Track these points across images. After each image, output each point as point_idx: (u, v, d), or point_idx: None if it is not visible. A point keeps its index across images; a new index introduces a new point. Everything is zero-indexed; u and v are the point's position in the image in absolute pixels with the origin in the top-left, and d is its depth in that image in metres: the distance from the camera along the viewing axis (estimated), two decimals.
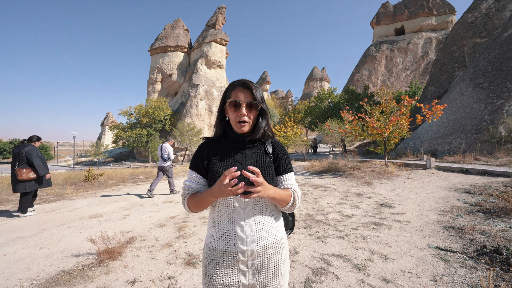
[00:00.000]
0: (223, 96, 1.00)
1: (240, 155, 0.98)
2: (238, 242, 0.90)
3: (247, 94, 0.94)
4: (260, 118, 0.99)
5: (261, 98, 0.97)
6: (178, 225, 3.62)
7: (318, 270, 2.16)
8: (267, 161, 0.99)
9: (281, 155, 1.02)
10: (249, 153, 0.99)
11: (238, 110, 0.93)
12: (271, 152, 1.01)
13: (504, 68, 11.84)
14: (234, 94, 0.95)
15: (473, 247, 2.43)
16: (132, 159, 32.33)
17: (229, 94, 0.97)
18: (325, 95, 26.91)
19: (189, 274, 2.19)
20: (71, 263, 2.47)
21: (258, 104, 0.95)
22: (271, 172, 0.97)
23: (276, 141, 1.05)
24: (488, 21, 16.35)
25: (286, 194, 0.95)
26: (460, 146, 11.23)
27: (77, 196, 6.37)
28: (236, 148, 0.99)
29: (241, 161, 0.96)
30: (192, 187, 1.00)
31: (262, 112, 0.99)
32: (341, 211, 4.05)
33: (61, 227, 3.75)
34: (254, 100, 0.94)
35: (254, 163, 0.96)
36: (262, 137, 1.00)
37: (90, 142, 30.92)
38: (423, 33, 36.04)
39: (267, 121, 1.01)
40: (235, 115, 0.94)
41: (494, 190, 4.35)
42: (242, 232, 0.91)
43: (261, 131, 0.97)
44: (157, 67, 34.22)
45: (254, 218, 0.93)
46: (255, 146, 1.01)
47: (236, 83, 0.97)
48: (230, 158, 0.97)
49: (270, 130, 1.03)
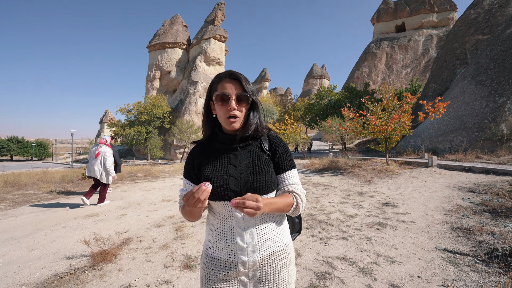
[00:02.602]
0: (209, 90, 0.89)
1: (233, 156, 0.87)
2: (238, 253, 0.81)
3: (236, 85, 0.84)
4: (251, 113, 0.88)
5: (252, 90, 0.86)
6: (176, 225, 3.51)
7: (322, 274, 2.06)
8: (264, 159, 0.87)
9: (280, 150, 0.90)
10: (244, 153, 0.88)
11: (227, 104, 0.82)
12: (268, 148, 0.90)
13: (506, 65, 11.71)
14: (221, 86, 0.84)
15: (483, 250, 2.33)
16: (131, 156, 32.18)
17: (215, 87, 0.86)
18: (325, 92, 26.73)
19: (186, 279, 2.08)
20: (63, 266, 2.36)
21: (249, 96, 0.84)
22: (270, 171, 0.86)
23: (274, 136, 0.94)
24: (490, 17, 16.16)
25: (284, 203, 0.82)
26: (461, 144, 11.14)
27: (73, 194, 6.25)
28: (228, 149, 0.88)
29: (235, 164, 0.86)
30: None
31: (254, 106, 0.88)
32: (343, 211, 3.96)
33: (55, 227, 3.64)
34: (244, 92, 0.83)
35: (250, 164, 0.85)
36: (255, 133, 0.89)
37: (89, 139, 30.62)
38: (424, 30, 35.78)
39: (259, 115, 0.90)
40: (224, 110, 0.83)
41: (500, 189, 4.26)
42: (242, 241, 0.81)
43: (252, 126, 0.86)
44: (156, 64, 33.88)
45: (255, 225, 0.83)
46: (249, 144, 0.90)
47: (223, 75, 0.86)
48: (222, 161, 0.87)
49: (263, 125, 0.92)
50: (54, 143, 49.73)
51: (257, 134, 0.90)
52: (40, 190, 6.75)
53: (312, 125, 26.48)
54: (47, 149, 45.47)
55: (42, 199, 5.72)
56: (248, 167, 0.85)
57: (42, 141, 46.17)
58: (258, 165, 0.85)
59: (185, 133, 23.84)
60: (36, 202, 5.41)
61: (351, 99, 23.28)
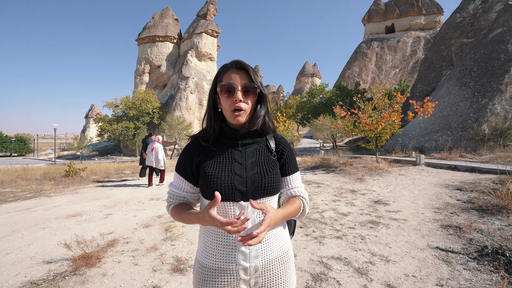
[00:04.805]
0: (214, 82, 0.81)
1: (238, 153, 0.80)
2: (239, 258, 0.74)
3: (243, 76, 0.77)
4: (259, 105, 0.81)
5: (260, 82, 0.79)
6: (166, 225, 3.37)
7: (318, 276, 2.01)
8: (270, 160, 0.82)
9: (286, 153, 0.86)
10: (249, 150, 0.81)
11: (232, 95, 0.75)
12: (274, 149, 0.84)
13: (489, 68, 12.19)
14: (227, 77, 0.77)
15: (474, 247, 2.37)
16: (118, 153, 31.19)
17: (220, 78, 0.79)
18: (317, 90, 26.96)
19: (176, 283, 1.97)
20: (41, 272, 2.18)
21: (257, 88, 0.77)
22: (276, 173, 0.80)
23: (280, 136, 0.88)
24: (475, 21, 16.75)
25: (295, 210, 0.81)
26: (446, 143, 11.55)
27: (56, 192, 5.92)
28: (232, 145, 0.81)
29: (240, 161, 0.79)
30: (177, 194, 0.83)
31: (261, 98, 0.81)
32: (336, 209, 3.95)
33: (34, 228, 3.40)
34: (252, 82, 0.76)
35: (256, 163, 0.79)
36: (261, 129, 0.83)
37: (73, 134, 29.22)
38: (412, 32, 36.70)
39: (267, 109, 0.82)
40: (229, 102, 0.76)
41: (485, 187, 4.40)
42: (245, 246, 0.73)
43: (259, 120, 0.79)
44: (145, 58, 32.83)
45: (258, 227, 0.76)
46: (256, 141, 0.83)
47: (229, 65, 0.79)
48: (226, 157, 0.79)
49: (271, 121, 0.85)
50: (36, 138, 47.40)
51: (265, 130, 0.84)
52: (18, 188, 6.35)
53: (304, 122, 26.68)
54: (28, 144, 43.22)
55: (21, 197, 5.38)
56: (254, 166, 0.78)
57: (22, 136, 43.79)
58: (265, 164, 0.80)
59: (176, 130, 23.36)
60: (13, 201, 5.07)
61: (343, 97, 23.60)
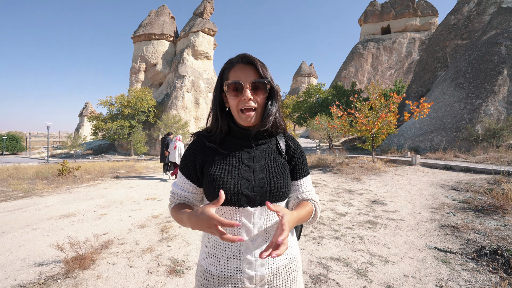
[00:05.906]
0: (219, 79, 0.75)
1: (246, 154, 0.74)
2: (244, 266, 0.70)
3: (251, 71, 0.71)
4: (270, 102, 0.74)
5: (270, 76, 0.73)
6: (162, 225, 3.31)
7: (317, 277, 1.98)
8: (281, 162, 0.76)
9: (297, 155, 0.81)
10: (258, 152, 0.76)
11: (240, 94, 0.69)
12: (284, 150, 0.79)
13: (482, 70, 12.38)
14: (234, 73, 0.71)
15: (472, 248, 2.38)
16: (113, 152, 30.76)
17: (226, 75, 0.73)
18: (313, 90, 27.04)
19: (173, 285, 1.92)
20: (32, 275, 2.11)
21: (267, 83, 0.71)
22: (286, 176, 0.75)
23: (290, 137, 0.83)
24: (469, 23, 17.00)
25: (307, 214, 0.75)
26: (441, 143, 11.70)
27: (48, 192, 5.79)
28: (240, 145, 0.75)
29: (248, 163, 0.73)
30: (179, 194, 0.79)
31: (272, 94, 0.75)
32: (334, 209, 3.94)
33: (25, 229, 3.30)
34: (261, 78, 0.70)
35: (265, 165, 0.74)
36: (273, 128, 0.76)
37: (67, 133, 28.62)
38: (407, 33, 37.09)
39: (278, 107, 0.77)
40: (237, 101, 0.70)
41: (480, 187, 4.45)
42: (251, 254, 0.70)
43: (271, 118, 0.73)
44: (141, 56, 32.41)
45: (265, 235, 0.72)
46: (265, 142, 0.77)
47: (235, 60, 0.72)
48: (233, 158, 0.73)
49: (282, 119, 0.79)
50: (28, 137, 46.40)
51: (276, 130, 0.78)
52: (9, 188, 6.19)
53: (301, 122, 26.74)
54: (20, 142, 42.26)
55: (12, 197, 5.23)
56: (263, 169, 0.73)
57: (14, 134, 42.78)
58: (275, 168, 0.74)
59: (172, 128, 23.14)
60: (4, 200, 4.93)
61: (339, 97, 23.72)
